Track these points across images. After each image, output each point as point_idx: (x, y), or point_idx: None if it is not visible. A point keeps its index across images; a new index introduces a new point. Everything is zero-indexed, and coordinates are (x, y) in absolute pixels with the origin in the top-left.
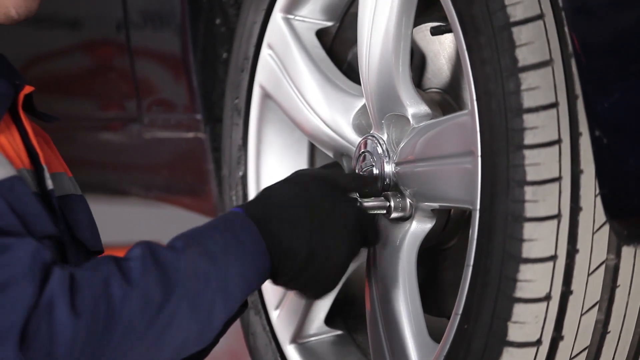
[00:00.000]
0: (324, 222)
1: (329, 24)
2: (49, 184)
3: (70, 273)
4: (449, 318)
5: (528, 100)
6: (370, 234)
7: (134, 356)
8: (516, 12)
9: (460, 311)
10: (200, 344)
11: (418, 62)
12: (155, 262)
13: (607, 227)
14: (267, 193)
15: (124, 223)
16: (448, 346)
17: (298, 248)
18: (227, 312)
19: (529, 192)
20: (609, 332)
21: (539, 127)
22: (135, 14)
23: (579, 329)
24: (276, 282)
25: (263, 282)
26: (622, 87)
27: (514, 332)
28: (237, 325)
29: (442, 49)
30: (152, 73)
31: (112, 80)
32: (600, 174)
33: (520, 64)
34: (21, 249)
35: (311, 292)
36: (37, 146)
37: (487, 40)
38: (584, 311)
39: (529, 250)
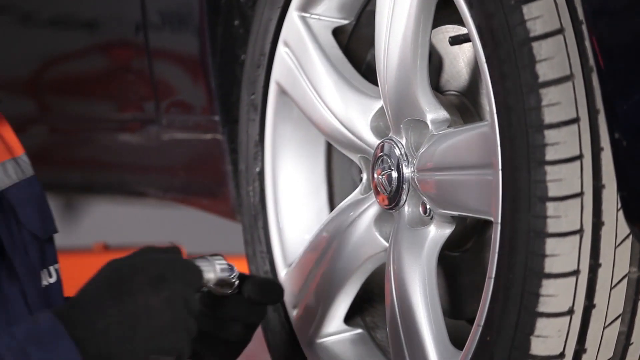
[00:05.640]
0: (142, 319)
1: (345, 22)
2: None
3: None
4: (467, 321)
5: (549, 116)
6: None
7: None
8: (536, 27)
9: (482, 323)
10: None
11: (436, 63)
12: None
13: (629, 241)
14: (80, 295)
15: (142, 224)
16: (470, 356)
17: (121, 349)
18: None
19: (550, 207)
20: (632, 343)
21: (560, 142)
22: (153, 15)
23: (602, 341)
24: None
25: None
26: None
27: (537, 346)
28: None
29: (462, 52)
30: (170, 74)
31: (130, 82)
32: (620, 178)
33: (541, 79)
34: None
35: None
36: None
37: (507, 54)
38: (606, 324)
39: (551, 265)
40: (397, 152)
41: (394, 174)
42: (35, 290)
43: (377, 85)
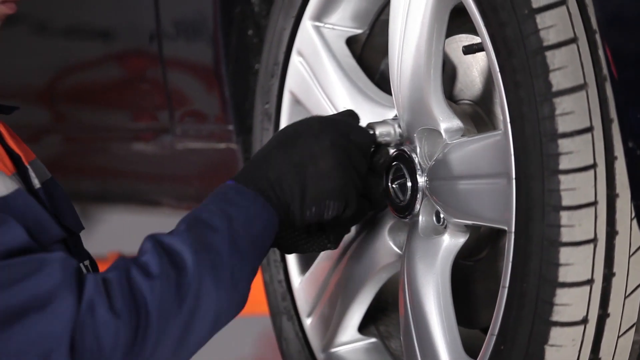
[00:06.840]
0: (308, 166)
1: (359, 31)
2: (36, 183)
3: (102, 277)
4: (481, 330)
5: (563, 125)
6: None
7: (173, 342)
8: (549, 36)
9: (496, 332)
10: (233, 312)
11: (450, 72)
12: (166, 251)
13: None
14: (254, 157)
15: None
16: None
17: (294, 193)
18: (248, 271)
19: (564, 217)
20: None
21: (574, 152)
22: (167, 25)
23: (616, 350)
24: (293, 225)
25: (274, 233)
26: None
27: (551, 356)
28: (269, 331)
29: (475, 61)
30: (184, 84)
31: (144, 91)
32: (633, 187)
33: (555, 88)
34: (50, 263)
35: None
36: (16, 147)
37: (521, 63)
38: (620, 333)
39: (565, 274)
40: (411, 161)
41: (408, 183)
42: None
43: (390, 94)
